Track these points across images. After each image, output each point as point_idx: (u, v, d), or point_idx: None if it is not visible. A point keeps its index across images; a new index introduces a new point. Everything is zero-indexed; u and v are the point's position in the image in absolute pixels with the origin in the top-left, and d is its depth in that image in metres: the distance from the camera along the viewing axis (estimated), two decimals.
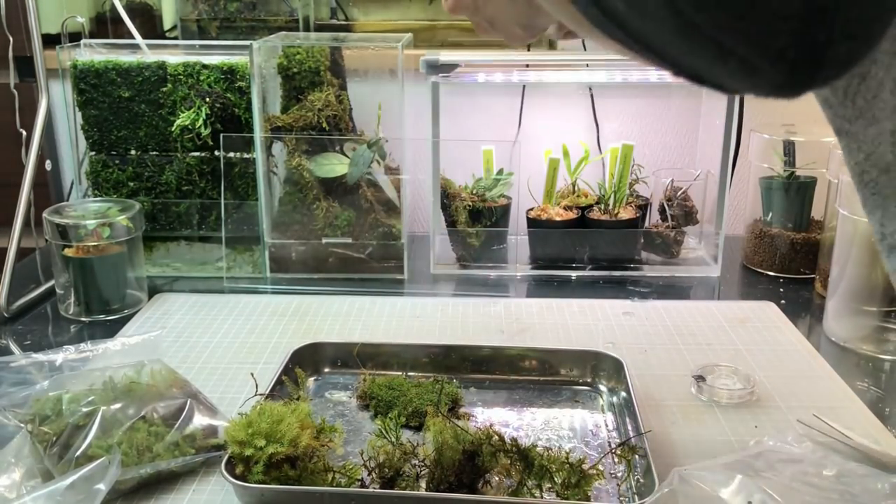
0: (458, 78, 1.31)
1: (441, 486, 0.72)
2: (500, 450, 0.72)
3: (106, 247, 1.16)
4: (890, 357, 1.05)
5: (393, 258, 1.31)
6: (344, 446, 0.81)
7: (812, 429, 0.84)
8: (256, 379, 0.86)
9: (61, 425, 0.76)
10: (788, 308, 1.20)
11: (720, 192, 1.33)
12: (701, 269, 1.35)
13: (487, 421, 0.88)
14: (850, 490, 0.66)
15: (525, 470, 0.72)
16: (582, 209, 1.36)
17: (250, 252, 1.33)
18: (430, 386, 0.90)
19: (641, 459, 0.77)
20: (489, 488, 0.72)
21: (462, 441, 0.73)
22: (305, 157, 1.27)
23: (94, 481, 0.69)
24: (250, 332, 1.11)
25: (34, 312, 1.20)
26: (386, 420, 0.79)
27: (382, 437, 0.77)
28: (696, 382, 0.93)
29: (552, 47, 1.54)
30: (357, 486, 0.73)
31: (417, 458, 0.75)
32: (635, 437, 0.79)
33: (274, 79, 1.29)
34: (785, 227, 1.32)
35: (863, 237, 1.07)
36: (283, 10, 1.54)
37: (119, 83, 1.26)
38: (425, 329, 1.12)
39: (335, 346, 0.99)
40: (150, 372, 0.85)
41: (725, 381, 0.93)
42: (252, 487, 0.72)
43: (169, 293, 1.25)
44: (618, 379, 0.93)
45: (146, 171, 1.29)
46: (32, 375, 0.86)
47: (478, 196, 1.35)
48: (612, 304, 1.20)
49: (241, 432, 0.73)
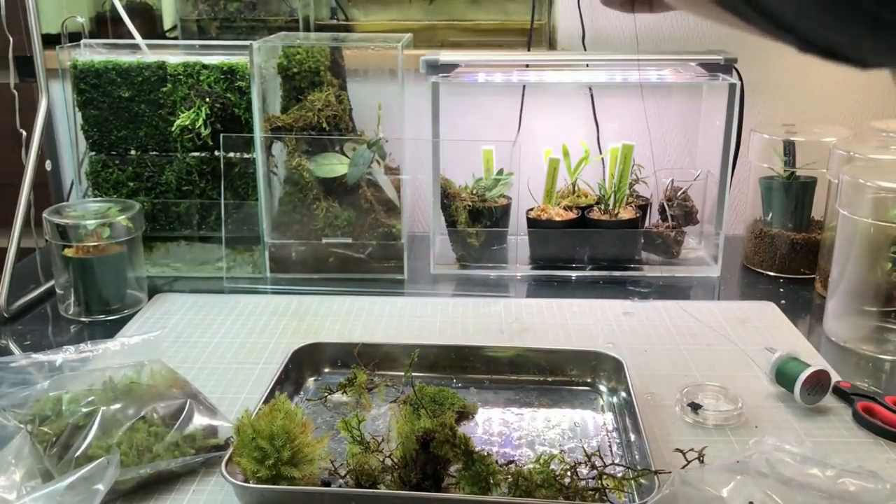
0: (458, 78, 1.31)
1: (410, 479, 0.72)
2: (449, 442, 0.72)
3: (106, 247, 1.16)
4: (890, 357, 1.05)
5: (393, 258, 1.31)
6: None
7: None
8: (257, 378, 0.86)
9: (61, 425, 0.76)
10: (788, 308, 1.20)
11: (720, 192, 1.33)
12: (701, 269, 1.35)
13: (488, 421, 0.88)
14: (849, 490, 0.66)
15: (464, 468, 0.72)
16: (582, 209, 1.36)
17: (250, 252, 1.33)
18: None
19: (642, 461, 0.77)
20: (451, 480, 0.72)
21: (417, 430, 0.73)
22: (305, 157, 1.27)
23: (93, 481, 0.69)
24: (250, 332, 1.11)
25: (34, 312, 1.20)
26: (349, 420, 0.78)
27: (347, 432, 0.77)
28: (691, 410, 0.89)
29: (552, 47, 1.54)
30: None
31: (383, 454, 0.75)
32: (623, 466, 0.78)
33: (274, 79, 1.29)
34: (785, 227, 1.32)
35: (863, 237, 1.07)
36: (283, 10, 1.54)
37: (119, 83, 1.26)
38: (425, 329, 1.12)
39: (335, 346, 0.99)
40: (150, 372, 0.85)
41: (713, 402, 0.90)
42: (252, 487, 0.72)
43: (169, 293, 1.25)
44: (618, 379, 0.93)
45: (146, 171, 1.29)
46: (32, 375, 0.86)
47: (478, 196, 1.35)
48: (612, 304, 1.20)
49: (249, 431, 0.73)
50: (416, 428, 0.73)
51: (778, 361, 0.94)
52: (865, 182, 1.04)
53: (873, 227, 1.05)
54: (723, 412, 0.88)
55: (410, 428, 0.74)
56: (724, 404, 0.90)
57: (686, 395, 0.91)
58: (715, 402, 0.91)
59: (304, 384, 0.96)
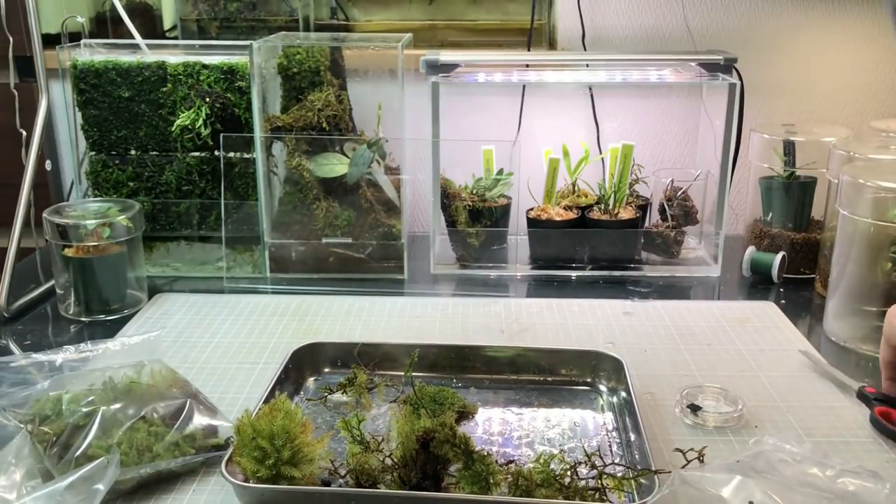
0: (458, 78, 1.31)
1: (410, 479, 0.72)
2: (449, 441, 0.72)
3: (106, 247, 1.16)
4: None
5: (393, 258, 1.31)
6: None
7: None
8: (257, 378, 0.86)
9: (61, 425, 0.76)
10: (788, 308, 1.20)
11: (720, 192, 1.33)
12: (701, 269, 1.35)
13: (488, 421, 0.88)
14: (849, 490, 0.66)
15: (464, 468, 0.72)
16: (582, 209, 1.36)
17: (250, 252, 1.33)
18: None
19: (641, 460, 0.77)
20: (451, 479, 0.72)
21: (417, 430, 0.73)
22: (305, 157, 1.27)
23: (93, 481, 0.69)
24: (250, 332, 1.11)
25: (34, 312, 1.20)
26: (349, 420, 0.78)
27: (347, 432, 0.77)
28: (690, 412, 0.89)
29: (552, 47, 1.54)
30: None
31: (383, 454, 0.75)
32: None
33: (274, 79, 1.29)
34: (785, 227, 1.32)
35: (863, 237, 1.07)
36: (283, 10, 1.54)
37: (119, 83, 1.26)
38: (425, 329, 1.12)
39: (335, 346, 0.99)
40: (150, 372, 0.85)
41: (712, 404, 0.90)
42: (252, 487, 0.72)
43: (169, 293, 1.25)
44: (618, 379, 0.93)
45: (146, 171, 1.29)
46: (32, 375, 0.86)
47: (478, 196, 1.35)
48: (612, 304, 1.20)
49: (249, 431, 0.73)
50: (416, 428, 0.73)
51: (750, 255, 1.29)
52: (865, 182, 1.04)
53: (873, 227, 1.05)
54: (722, 414, 0.88)
55: (410, 428, 0.74)
56: (724, 406, 0.90)
57: (686, 397, 0.91)
58: (715, 403, 0.91)
59: (304, 384, 0.96)
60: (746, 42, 1.48)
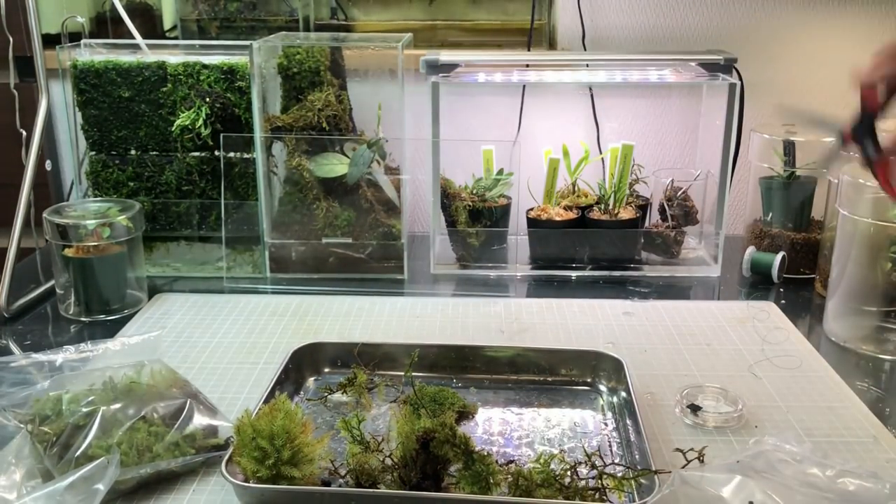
0: (458, 78, 1.31)
1: (410, 479, 0.72)
2: (449, 441, 0.72)
3: (106, 247, 1.16)
4: (890, 357, 1.05)
5: (393, 258, 1.31)
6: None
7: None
8: (257, 378, 0.86)
9: (61, 425, 0.76)
10: (788, 308, 1.20)
11: (720, 192, 1.33)
12: (701, 269, 1.35)
13: (488, 421, 0.88)
14: (849, 490, 0.66)
15: (464, 468, 0.72)
16: (582, 209, 1.36)
17: (250, 252, 1.33)
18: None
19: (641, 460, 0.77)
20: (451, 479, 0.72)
21: (417, 430, 0.73)
22: (305, 157, 1.27)
23: (93, 481, 0.69)
24: (250, 332, 1.11)
25: (34, 312, 1.20)
26: (349, 420, 0.78)
27: (347, 432, 0.77)
28: (690, 412, 0.89)
29: (552, 47, 1.54)
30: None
31: (383, 454, 0.75)
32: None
33: (274, 79, 1.29)
34: (785, 227, 1.32)
35: (863, 237, 1.07)
36: (283, 10, 1.54)
37: (119, 83, 1.26)
38: (425, 329, 1.12)
39: (335, 346, 0.99)
40: (150, 372, 0.85)
41: (712, 404, 0.90)
42: (252, 487, 0.72)
43: (169, 293, 1.25)
44: (618, 379, 0.93)
45: (146, 171, 1.29)
46: (32, 375, 0.86)
47: (478, 196, 1.35)
48: (612, 304, 1.20)
49: (249, 431, 0.73)
50: (416, 428, 0.73)
51: (750, 255, 1.30)
52: (865, 182, 1.04)
53: (873, 227, 1.05)
54: (722, 414, 0.88)
55: (410, 428, 0.74)
56: (724, 406, 0.90)
57: (686, 397, 0.91)
58: (715, 403, 0.91)
59: (304, 384, 0.96)
60: (746, 42, 1.48)
